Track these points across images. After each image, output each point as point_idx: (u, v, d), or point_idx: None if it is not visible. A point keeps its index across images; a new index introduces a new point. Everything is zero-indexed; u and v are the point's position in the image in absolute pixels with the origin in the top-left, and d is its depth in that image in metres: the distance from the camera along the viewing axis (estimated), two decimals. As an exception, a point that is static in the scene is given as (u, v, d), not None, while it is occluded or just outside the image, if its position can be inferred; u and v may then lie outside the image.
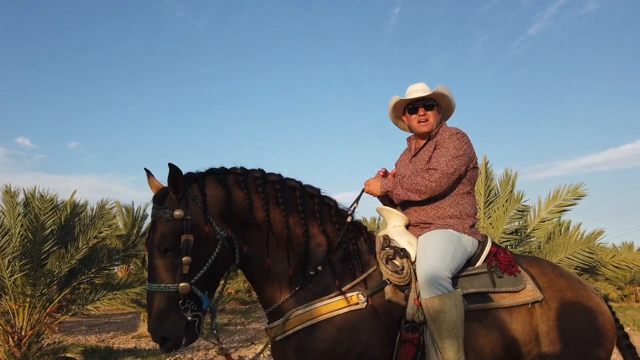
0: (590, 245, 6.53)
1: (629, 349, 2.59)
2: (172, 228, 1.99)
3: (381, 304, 2.19)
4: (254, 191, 2.19)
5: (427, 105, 2.61)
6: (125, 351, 7.74)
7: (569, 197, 6.65)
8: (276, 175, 2.29)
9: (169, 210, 2.01)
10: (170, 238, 1.98)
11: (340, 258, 2.26)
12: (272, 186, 2.24)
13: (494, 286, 2.33)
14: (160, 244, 1.99)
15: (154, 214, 2.06)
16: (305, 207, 2.26)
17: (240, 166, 2.26)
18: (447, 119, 2.80)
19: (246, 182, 2.19)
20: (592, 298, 2.43)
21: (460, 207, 2.49)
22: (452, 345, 2.10)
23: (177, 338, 1.98)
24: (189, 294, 1.98)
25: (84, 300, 6.57)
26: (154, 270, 2.00)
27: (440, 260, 2.24)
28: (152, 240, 2.03)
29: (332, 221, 2.32)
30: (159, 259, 1.99)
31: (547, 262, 2.63)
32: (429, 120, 2.60)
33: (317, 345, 2.08)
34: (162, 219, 2.01)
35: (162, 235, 1.99)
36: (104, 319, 13.33)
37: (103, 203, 7.08)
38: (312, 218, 2.27)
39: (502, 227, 6.80)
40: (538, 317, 2.31)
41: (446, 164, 2.41)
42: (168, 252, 1.98)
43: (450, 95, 2.66)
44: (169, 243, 1.98)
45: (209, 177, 2.15)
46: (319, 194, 2.35)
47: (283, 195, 2.22)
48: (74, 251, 6.13)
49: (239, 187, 2.16)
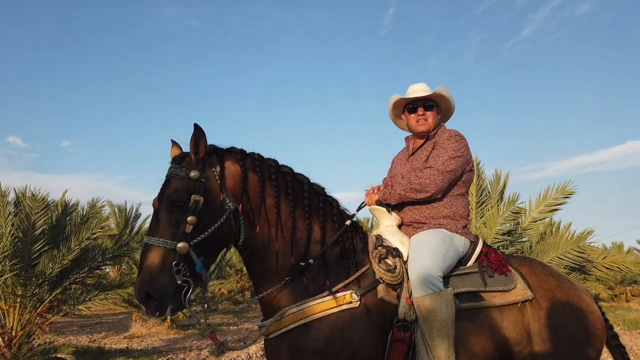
0: (581, 245, 6.59)
1: (619, 349, 2.62)
2: (185, 185, 2.04)
3: (374, 303, 2.20)
4: (267, 178, 2.23)
5: (427, 106, 2.66)
6: (117, 351, 7.70)
7: (559, 196, 6.71)
8: (288, 167, 2.34)
9: (186, 169, 2.06)
10: (181, 194, 2.02)
11: (336, 256, 2.27)
12: (284, 177, 2.28)
13: (485, 285, 2.35)
14: (169, 198, 2.02)
15: (170, 172, 2.10)
16: (311, 202, 2.30)
17: (257, 152, 2.31)
18: (447, 120, 2.84)
19: (262, 167, 2.24)
20: (582, 298, 2.46)
21: (454, 208, 2.52)
22: (443, 344, 2.12)
23: (163, 299, 1.94)
24: (185, 255, 1.97)
25: (76, 300, 6.54)
26: (156, 224, 2.01)
27: (432, 260, 2.26)
28: (162, 194, 2.05)
29: (332, 220, 2.35)
30: (165, 213, 2.02)
31: (538, 261, 2.66)
32: (427, 120, 2.64)
33: (311, 344, 2.08)
34: (177, 176, 2.06)
35: (175, 190, 2.03)
36: (95, 319, 13.25)
37: (94, 202, 7.05)
38: (315, 214, 2.30)
39: (495, 227, 6.84)
40: (529, 316, 2.33)
41: (443, 163, 2.44)
42: (175, 208, 2.01)
43: (450, 97, 2.70)
44: (179, 198, 2.01)
45: (229, 154, 2.22)
46: (324, 192, 2.39)
47: (293, 187, 2.27)
48: (66, 251, 6.10)
49: (254, 171, 2.22)
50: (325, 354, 2.08)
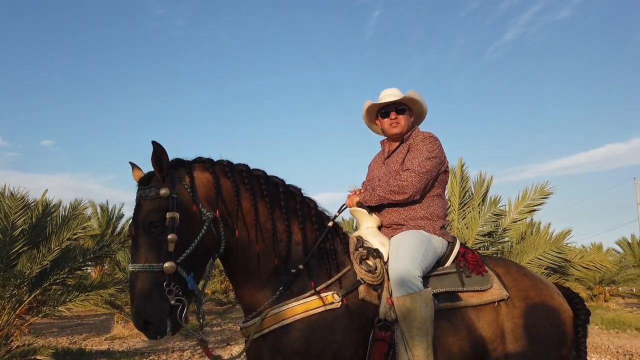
0: (559, 245, 6.71)
1: None
2: (158, 205, 1.99)
3: (355, 304, 2.22)
4: (240, 182, 2.21)
5: (399, 110, 2.72)
6: (98, 353, 7.62)
7: (537, 196, 6.83)
8: (260, 171, 2.32)
9: (154, 188, 2.01)
10: (156, 214, 1.97)
11: (317, 257, 2.29)
12: (257, 180, 2.27)
13: (462, 285, 2.40)
14: (145, 221, 1.97)
15: (139, 195, 2.05)
16: (287, 204, 2.30)
17: (226, 159, 2.29)
18: (420, 123, 2.90)
19: (233, 172, 2.22)
20: (554, 297, 2.52)
21: (431, 208, 2.57)
22: (422, 343, 2.15)
23: (160, 322, 1.92)
24: (174, 274, 1.94)
25: (56, 301, 6.45)
26: (138, 250, 1.97)
27: (412, 260, 2.29)
28: (136, 219, 2.01)
29: (311, 221, 2.36)
30: (143, 237, 1.97)
31: (513, 262, 2.73)
32: (400, 123, 2.70)
33: (293, 345, 2.10)
34: (147, 197, 2.00)
35: (148, 212, 1.98)
36: (76, 320, 13.09)
37: (76, 203, 6.97)
38: (293, 215, 2.30)
39: (476, 228, 6.93)
40: (504, 315, 2.39)
41: (419, 164, 2.49)
42: (153, 230, 1.96)
43: (421, 100, 2.76)
44: (154, 219, 1.96)
45: (196, 164, 2.19)
46: (301, 194, 2.39)
47: (268, 189, 2.26)
48: (46, 252, 6.02)
49: (226, 176, 2.19)
50: (306, 355, 2.09)
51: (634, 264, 18.56)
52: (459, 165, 7.60)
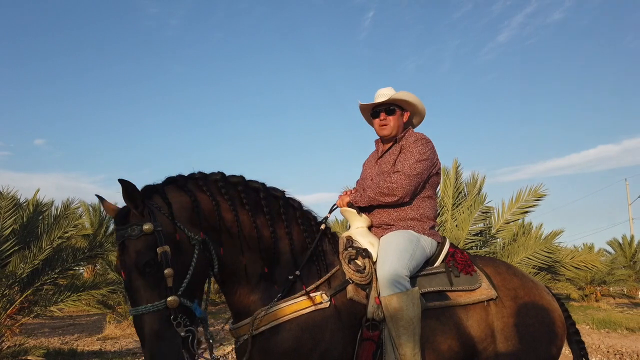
0: (549, 245, 6.76)
1: (578, 345, 2.72)
2: (145, 243, 1.89)
3: (344, 303, 2.24)
4: (218, 193, 2.15)
5: (389, 110, 2.71)
6: (90, 353, 7.58)
7: (530, 198, 6.88)
8: (237, 177, 2.25)
9: (136, 226, 1.89)
10: (146, 253, 1.87)
11: (307, 259, 2.30)
12: (235, 188, 2.21)
13: (451, 285, 2.41)
14: (137, 263, 1.86)
15: (120, 236, 1.92)
16: (270, 209, 2.25)
17: (199, 171, 2.21)
18: (419, 123, 2.90)
19: (208, 185, 2.15)
20: (543, 296, 2.55)
21: (421, 210, 2.58)
22: (409, 342, 2.17)
23: (177, 358, 1.85)
24: (178, 307, 1.89)
25: (47, 301, 6.42)
26: (136, 293, 1.87)
27: (399, 260, 2.31)
28: (125, 262, 1.89)
29: (297, 223, 2.34)
30: (139, 279, 1.87)
31: (502, 262, 2.74)
32: (389, 125, 2.70)
33: (282, 345, 2.11)
34: (131, 237, 1.89)
35: (137, 253, 1.87)
36: (68, 320, 13.00)
37: (68, 202, 6.94)
38: (278, 220, 2.26)
39: (467, 228, 6.97)
40: (493, 314, 2.40)
41: (410, 167, 2.50)
42: (147, 269, 1.87)
43: (415, 100, 2.74)
44: (146, 258, 1.87)
45: (169, 186, 2.09)
46: (284, 196, 2.35)
47: (247, 197, 2.20)
48: (37, 251, 5.98)
49: (202, 191, 2.12)
50: (296, 355, 2.10)
51: (624, 264, 18.70)
52: (453, 167, 7.64)
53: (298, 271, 2.23)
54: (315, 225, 2.42)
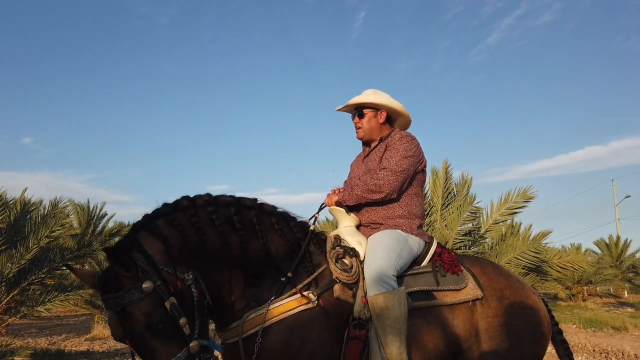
0: (537, 246, 6.83)
1: (562, 344, 2.75)
2: (151, 302, 1.80)
3: (331, 302, 2.24)
4: (207, 222, 2.09)
5: (360, 114, 2.75)
6: (78, 354, 7.51)
7: (519, 199, 6.95)
8: (228, 197, 2.22)
9: (134, 289, 1.78)
10: (157, 312, 1.80)
11: (292, 261, 2.30)
12: (226, 209, 2.17)
13: (437, 285, 2.43)
14: (149, 325, 1.79)
15: (116, 304, 1.79)
16: (243, 225, 2.19)
17: (184, 196, 2.14)
18: (404, 124, 2.89)
19: (197, 215, 2.08)
20: (529, 296, 2.57)
21: (409, 207, 2.59)
22: (395, 341, 2.18)
23: None
24: (199, 349, 1.86)
25: (34, 301, 6.37)
26: (155, 354, 1.80)
27: (386, 259, 2.32)
28: (133, 329, 1.79)
29: (275, 229, 2.30)
30: (153, 340, 1.80)
31: (489, 262, 2.77)
32: (361, 128, 2.75)
33: (270, 346, 2.11)
34: (133, 302, 1.78)
35: (147, 315, 1.78)
36: (55, 320, 12.88)
37: (56, 201, 6.88)
38: (252, 235, 2.21)
39: (456, 228, 7.02)
40: (478, 314, 2.43)
41: (396, 163, 2.52)
42: (160, 326, 1.80)
43: (385, 100, 2.72)
44: (159, 317, 1.80)
45: (144, 234, 1.95)
46: (256, 205, 2.29)
47: (219, 217, 2.13)
48: (24, 251, 5.93)
49: (191, 224, 2.04)
50: (284, 356, 2.10)
51: (611, 264, 18.94)
52: (443, 167, 7.69)
53: (290, 273, 2.24)
54: (296, 225, 2.41)
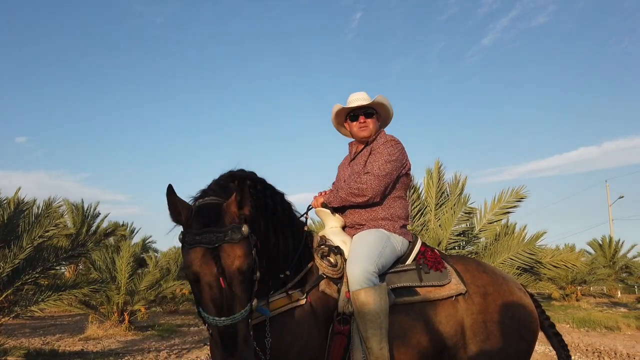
0: (531, 247, 6.87)
1: (556, 337, 2.78)
2: (248, 245, 1.81)
3: (318, 297, 2.31)
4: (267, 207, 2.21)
5: (367, 113, 2.81)
6: (72, 354, 7.49)
7: (512, 199, 7.00)
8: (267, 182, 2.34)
9: (236, 228, 1.79)
10: (250, 257, 1.80)
11: (297, 259, 2.37)
12: (274, 193, 2.31)
13: (420, 281, 2.48)
14: (240, 268, 1.76)
15: (216, 239, 1.75)
16: (284, 216, 2.34)
17: (240, 169, 2.26)
18: (386, 126, 3.00)
19: (266, 189, 2.26)
20: (514, 292, 2.60)
21: (392, 210, 2.66)
22: (375, 335, 2.23)
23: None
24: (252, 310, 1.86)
25: (28, 301, 6.34)
26: (233, 301, 1.76)
27: (368, 257, 2.38)
28: (228, 268, 1.75)
29: (297, 229, 2.44)
30: (238, 286, 1.77)
31: (473, 260, 2.81)
32: (368, 127, 2.80)
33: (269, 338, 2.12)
34: (233, 240, 1.76)
35: (243, 257, 1.77)
36: (49, 320, 12.82)
37: (50, 201, 6.85)
38: (287, 226, 2.35)
39: (450, 228, 7.06)
40: (463, 310, 2.46)
41: (379, 167, 2.59)
42: (248, 274, 1.80)
43: (388, 104, 2.87)
44: (251, 263, 1.80)
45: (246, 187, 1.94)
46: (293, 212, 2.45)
47: (272, 200, 2.28)
48: (18, 250, 5.91)
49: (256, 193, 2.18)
50: (274, 352, 2.13)
51: (604, 264, 19.08)
52: (435, 167, 7.73)
53: (288, 271, 2.29)
54: (300, 225, 2.50)
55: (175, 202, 1.81)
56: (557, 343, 2.78)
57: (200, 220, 1.80)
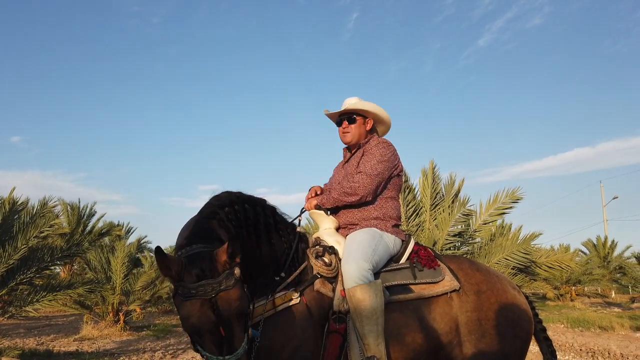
0: (526, 247, 6.89)
1: (545, 342, 2.80)
2: (241, 289, 1.85)
3: (312, 297, 2.33)
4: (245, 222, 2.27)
5: (350, 119, 2.85)
6: (67, 354, 7.47)
7: (507, 200, 7.03)
8: (252, 196, 2.39)
9: (229, 274, 1.83)
10: (245, 297, 1.87)
11: (290, 261, 2.40)
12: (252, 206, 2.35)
13: (414, 279, 2.51)
14: (240, 310, 1.83)
15: (211, 290, 1.78)
16: (268, 224, 2.37)
17: (226, 192, 2.32)
18: (384, 132, 3.04)
19: (242, 213, 2.28)
20: (507, 291, 2.62)
21: (384, 210, 2.70)
22: (372, 332, 2.25)
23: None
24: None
25: (23, 301, 6.32)
26: (234, 339, 1.82)
27: (362, 254, 2.41)
28: (225, 314, 1.79)
29: (277, 230, 2.44)
30: (237, 325, 1.84)
31: (466, 259, 2.84)
32: (350, 132, 2.85)
33: (257, 344, 2.14)
34: (229, 287, 1.80)
35: (240, 300, 1.82)
36: (44, 321, 12.77)
37: (45, 201, 6.82)
38: (276, 236, 2.39)
39: (447, 229, 7.07)
40: (457, 309, 2.48)
41: (371, 167, 2.63)
42: (246, 312, 1.88)
43: (376, 109, 2.88)
44: (246, 302, 1.87)
45: (216, 224, 2.13)
46: (265, 205, 2.45)
47: (264, 220, 2.35)
48: (12, 251, 5.89)
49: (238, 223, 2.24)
50: (270, 352, 2.16)
51: (599, 264, 19.16)
52: (430, 167, 7.75)
53: (283, 273, 2.32)
54: (289, 227, 2.52)
55: (164, 260, 1.81)
56: (546, 348, 2.80)
57: (194, 273, 1.80)
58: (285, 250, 2.40)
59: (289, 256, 2.39)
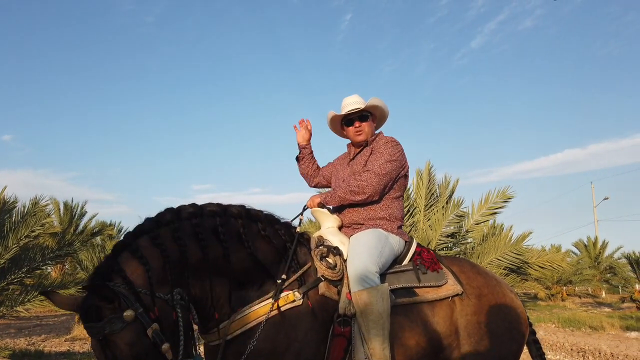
0: (518, 247, 6.93)
1: (535, 344, 2.82)
2: (135, 331, 1.77)
3: (316, 300, 2.27)
4: (190, 236, 2.07)
5: (362, 117, 2.79)
6: (58, 354, 7.41)
7: (499, 200, 7.07)
8: (214, 206, 2.22)
9: (116, 319, 1.75)
10: (140, 341, 1.77)
11: (278, 262, 2.31)
12: (212, 220, 2.16)
13: (419, 282, 2.48)
14: (134, 355, 1.76)
15: (97, 332, 1.75)
16: (249, 232, 2.23)
17: (168, 209, 2.13)
18: (381, 125, 3.00)
19: (181, 230, 2.06)
20: (506, 294, 2.63)
21: (390, 210, 2.65)
22: (378, 336, 2.22)
23: None
24: None
25: (13, 301, 6.28)
26: None
27: (369, 256, 2.37)
28: (117, 357, 1.75)
29: (261, 235, 2.29)
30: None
31: (467, 261, 2.83)
32: (364, 131, 2.78)
33: (257, 345, 2.10)
34: (115, 331, 1.74)
35: (130, 345, 1.75)
36: (35, 321, 12.67)
37: (36, 200, 6.77)
38: (239, 244, 2.20)
39: (440, 229, 7.09)
40: (457, 312, 2.48)
41: (379, 166, 2.58)
42: (145, 356, 1.79)
43: (382, 105, 2.85)
44: (143, 346, 1.78)
45: (126, 256, 1.91)
46: (262, 216, 2.33)
47: (203, 232, 2.11)
48: (3, 250, 5.86)
49: (173, 239, 2.02)
50: (271, 355, 2.11)
51: (590, 264, 19.34)
52: (426, 168, 7.76)
53: (284, 275, 2.24)
54: (282, 228, 2.40)
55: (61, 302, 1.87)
56: (536, 351, 2.83)
57: (82, 317, 1.81)
58: (279, 251, 2.30)
59: (287, 258, 2.30)
